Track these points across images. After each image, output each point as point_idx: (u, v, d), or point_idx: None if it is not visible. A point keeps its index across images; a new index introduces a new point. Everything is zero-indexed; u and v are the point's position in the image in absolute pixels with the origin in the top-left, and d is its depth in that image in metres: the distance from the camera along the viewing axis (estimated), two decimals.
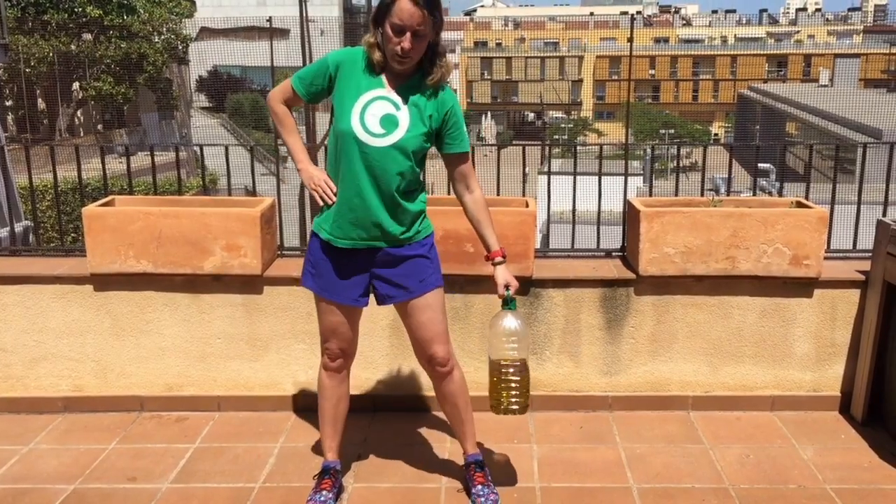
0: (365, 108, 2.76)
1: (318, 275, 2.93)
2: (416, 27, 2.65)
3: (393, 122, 2.76)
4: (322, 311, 2.99)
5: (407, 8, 2.64)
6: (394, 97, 2.78)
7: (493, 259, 2.93)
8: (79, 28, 27.45)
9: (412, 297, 2.91)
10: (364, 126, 2.75)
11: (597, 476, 3.31)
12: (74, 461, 3.47)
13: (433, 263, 2.95)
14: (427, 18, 2.66)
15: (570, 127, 51.12)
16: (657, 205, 3.80)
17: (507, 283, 2.91)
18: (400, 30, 2.66)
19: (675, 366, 3.86)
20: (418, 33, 2.67)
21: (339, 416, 3.13)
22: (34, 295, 3.84)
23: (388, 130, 2.75)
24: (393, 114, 2.76)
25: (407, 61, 2.72)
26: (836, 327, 3.81)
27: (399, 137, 2.76)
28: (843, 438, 3.63)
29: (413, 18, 2.64)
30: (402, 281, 2.89)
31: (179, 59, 31.45)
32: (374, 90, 2.78)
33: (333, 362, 3.06)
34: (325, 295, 2.94)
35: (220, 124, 37.58)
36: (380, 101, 2.77)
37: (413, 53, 2.70)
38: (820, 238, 3.67)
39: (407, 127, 2.76)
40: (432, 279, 2.93)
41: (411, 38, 2.66)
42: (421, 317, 2.95)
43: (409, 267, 2.89)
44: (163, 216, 3.69)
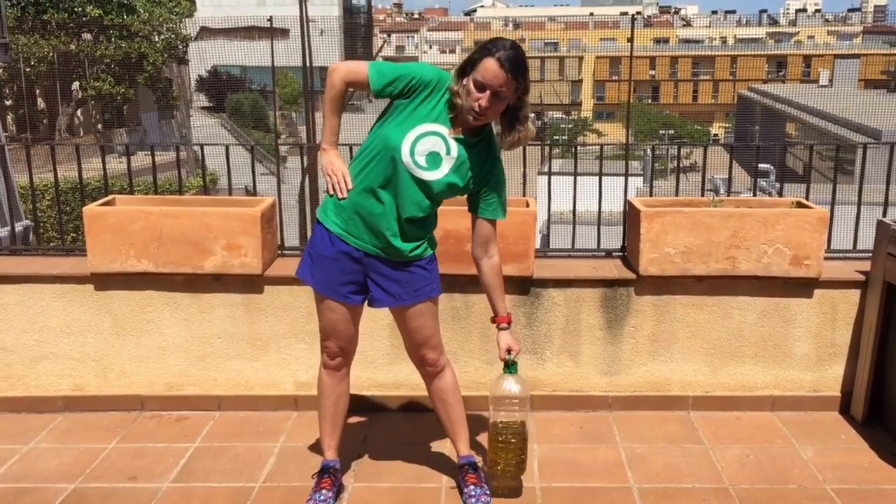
0: (420, 138, 2.76)
1: (316, 268, 2.93)
2: (498, 88, 2.66)
3: (436, 163, 2.77)
4: (322, 309, 2.99)
5: (492, 68, 2.65)
6: (450, 141, 2.78)
7: (500, 325, 3.00)
8: (79, 27, 27.43)
9: (403, 304, 2.93)
10: (412, 154, 2.75)
11: (597, 476, 3.31)
12: (75, 460, 3.47)
13: (431, 275, 2.97)
14: (510, 82, 2.67)
15: (569, 127, 51.13)
16: (657, 205, 3.81)
17: (510, 347, 2.97)
18: (482, 87, 2.67)
19: (675, 366, 3.86)
20: (499, 94, 2.68)
21: (338, 415, 3.14)
22: (35, 294, 3.84)
23: (429, 167, 2.77)
24: (440, 154, 2.77)
25: (482, 119, 2.73)
26: (836, 327, 3.81)
27: (434, 178, 2.78)
28: (843, 439, 3.63)
29: (496, 79, 2.65)
30: (395, 288, 2.91)
31: (179, 59, 31.43)
32: (438, 125, 2.77)
33: (333, 360, 3.06)
34: (319, 289, 2.95)
35: (220, 124, 37.58)
36: (435, 137, 2.77)
37: (489, 113, 2.71)
38: (820, 238, 3.67)
39: (445, 172, 2.78)
40: (426, 289, 2.95)
41: (490, 97, 2.67)
42: (412, 323, 2.98)
43: (406, 276, 2.91)
44: (163, 216, 3.69)
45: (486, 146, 2.85)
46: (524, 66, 2.71)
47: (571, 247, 4.30)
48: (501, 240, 3.65)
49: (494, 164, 2.88)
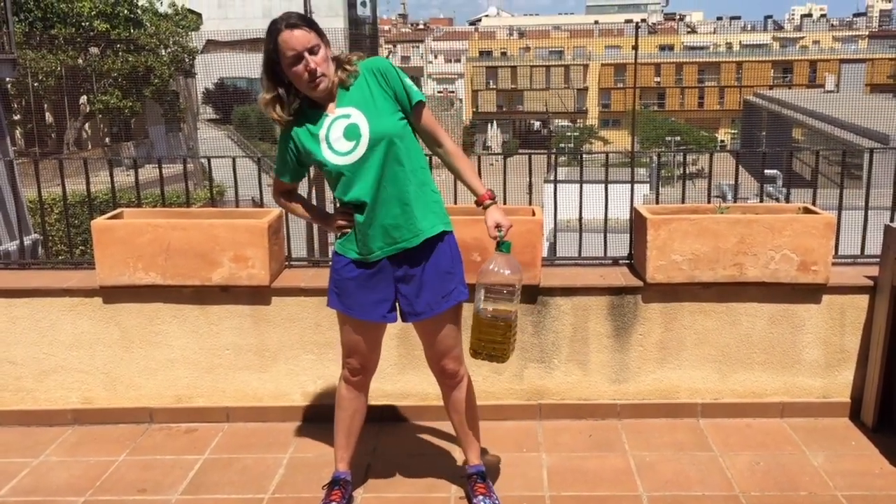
0: (327, 138, 2.80)
1: (344, 294, 2.93)
2: (308, 45, 2.69)
3: (354, 130, 2.78)
4: (345, 327, 2.99)
5: (288, 36, 2.69)
6: (339, 112, 2.80)
7: (483, 202, 2.89)
8: (86, 42, 27.63)
9: (433, 314, 2.91)
10: (335, 152, 2.78)
11: (606, 484, 3.30)
12: (84, 473, 3.47)
13: (457, 277, 2.93)
14: (309, 34, 2.70)
15: (575, 135, 51.17)
16: (664, 212, 3.80)
17: (498, 223, 2.84)
18: (296, 58, 2.70)
19: (683, 373, 3.85)
20: (313, 50, 2.71)
21: (353, 428, 3.14)
22: (43, 308, 3.86)
23: (357, 138, 2.77)
24: (349, 123, 2.78)
25: (323, 80, 2.73)
26: (845, 333, 3.80)
27: (369, 136, 2.77)
28: (853, 445, 3.61)
29: (300, 41, 2.69)
30: (424, 297, 2.88)
31: (186, 72, 31.62)
32: (323, 121, 2.81)
33: (354, 377, 3.06)
34: (352, 314, 2.94)
35: (227, 136, 37.73)
36: (334, 124, 2.80)
37: (322, 69, 2.72)
38: (827, 244, 3.66)
39: (367, 123, 2.77)
40: (455, 293, 2.92)
41: (310, 57, 2.70)
42: (436, 334, 2.96)
43: (432, 279, 2.87)
44: (171, 228, 3.71)
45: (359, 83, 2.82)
46: (310, 18, 2.77)
47: (578, 255, 4.30)
48: None
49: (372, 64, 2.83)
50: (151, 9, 29.80)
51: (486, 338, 2.86)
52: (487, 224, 2.85)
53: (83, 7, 26.22)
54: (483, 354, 2.89)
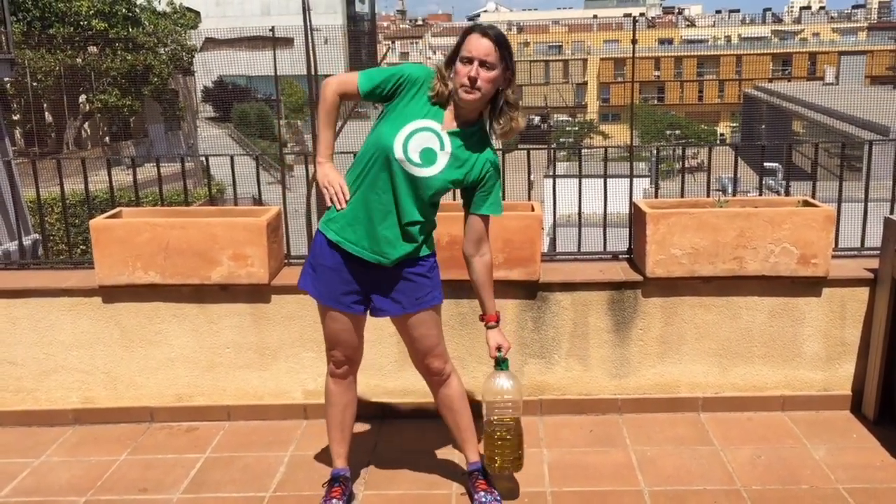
0: (412, 135, 2.76)
1: (318, 278, 2.93)
2: (484, 57, 2.69)
3: (431, 159, 2.77)
4: (325, 318, 3.00)
5: (475, 40, 2.71)
6: (444, 136, 2.79)
7: (488, 323, 2.99)
8: (84, 41, 27.60)
9: (405, 312, 2.93)
10: (405, 150, 2.76)
11: (608, 479, 3.30)
12: (85, 473, 3.47)
13: (432, 282, 2.95)
14: (495, 51, 2.70)
15: (575, 130, 51.11)
16: (663, 206, 3.80)
17: (500, 345, 2.97)
18: (468, 60, 2.70)
19: (684, 367, 3.85)
20: (486, 64, 2.69)
21: (346, 423, 3.13)
22: (43, 308, 3.86)
23: (424, 163, 2.77)
24: (434, 150, 2.77)
25: (475, 93, 2.71)
26: (845, 326, 3.79)
27: (430, 174, 2.77)
28: (854, 438, 3.61)
29: (481, 49, 2.69)
30: (397, 296, 2.90)
31: (185, 70, 31.59)
32: (429, 121, 2.78)
33: (339, 369, 3.07)
34: (321, 300, 2.95)
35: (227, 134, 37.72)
36: (427, 133, 2.77)
37: (481, 84, 2.70)
38: (827, 237, 3.66)
39: (441, 168, 2.78)
40: (429, 297, 2.94)
41: (478, 67, 2.69)
42: (415, 333, 2.98)
43: (408, 284, 2.90)
44: (170, 227, 3.70)
45: (479, 139, 2.85)
46: (508, 43, 2.76)
47: (578, 250, 4.29)
48: (508, 244, 3.65)
49: (490, 158, 2.86)
50: (150, 7, 29.77)
51: (500, 455, 3.06)
52: (489, 345, 2.99)
53: (81, 6, 26.18)
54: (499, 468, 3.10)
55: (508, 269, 3.68)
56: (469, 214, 2.93)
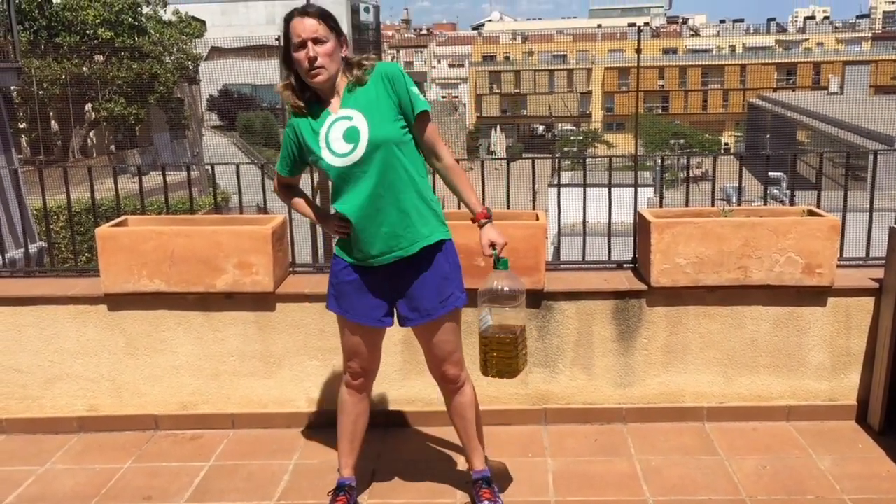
0: (327, 138, 2.80)
1: (341, 297, 2.94)
2: (313, 35, 2.72)
3: (353, 134, 2.78)
4: (345, 331, 3.00)
5: (299, 23, 2.74)
6: (342, 113, 2.81)
7: (479, 221, 2.90)
8: (91, 50, 27.72)
9: (430, 319, 2.91)
10: (333, 152, 2.78)
11: (612, 489, 3.30)
12: (90, 481, 3.48)
13: (455, 283, 2.93)
14: (321, 25, 2.73)
15: (579, 139, 51.15)
16: (667, 215, 3.80)
17: (493, 241, 2.85)
18: (301, 44, 2.73)
19: (689, 377, 3.84)
20: (318, 40, 2.73)
21: (357, 433, 3.13)
22: (49, 315, 3.87)
23: (354, 140, 2.77)
24: (349, 127, 2.78)
25: (321, 71, 2.74)
26: (850, 336, 3.78)
27: (366, 142, 2.76)
28: (860, 448, 3.60)
29: (307, 29, 2.72)
30: (422, 303, 2.88)
31: (190, 79, 31.70)
32: (325, 120, 2.82)
33: (356, 381, 3.07)
34: (348, 317, 2.95)
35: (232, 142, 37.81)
36: (333, 126, 2.80)
37: (322, 61, 2.73)
38: (832, 246, 3.65)
39: (367, 125, 2.77)
40: (452, 299, 2.91)
41: (313, 46, 2.72)
42: (435, 339, 2.96)
43: (430, 284, 2.88)
44: (175, 235, 3.71)
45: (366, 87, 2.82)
46: (328, 12, 2.79)
47: (582, 259, 4.29)
48: (512, 253, 3.64)
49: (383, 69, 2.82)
50: (156, 17, 29.89)
51: (494, 355, 2.87)
52: (482, 243, 2.88)
53: (88, 15, 26.31)
54: (493, 372, 2.91)
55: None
56: (416, 134, 2.86)
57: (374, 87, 2.82)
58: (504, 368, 2.89)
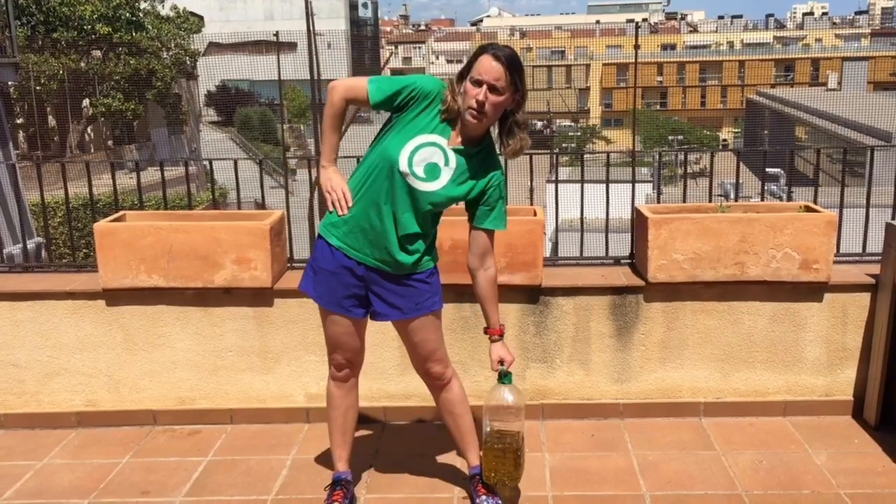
0: (418, 148, 2.76)
1: (319, 281, 2.94)
2: (494, 81, 2.67)
3: (435, 174, 2.77)
4: (326, 322, 3.01)
5: (487, 62, 2.68)
6: (449, 152, 2.78)
7: (492, 336, 2.98)
8: (88, 45, 27.67)
9: (405, 317, 2.93)
10: (410, 164, 2.75)
11: (609, 484, 3.31)
12: (88, 476, 3.48)
13: (432, 288, 2.95)
14: (505, 76, 2.67)
15: (577, 135, 51.11)
16: (665, 211, 3.81)
17: (502, 358, 2.95)
18: (478, 83, 2.68)
19: (685, 372, 3.86)
20: (496, 88, 2.67)
21: (348, 426, 3.14)
22: (47, 311, 3.87)
23: (427, 178, 2.77)
24: (439, 165, 2.77)
25: (481, 119, 2.71)
26: (847, 331, 3.79)
27: (432, 189, 2.77)
28: (856, 443, 3.61)
29: (491, 72, 2.66)
30: (397, 301, 2.91)
31: (188, 75, 31.66)
32: (436, 136, 2.77)
33: (340, 372, 3.08)
34: (321, 303, 2.96)
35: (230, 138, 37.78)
36: (432, 148, 2.77)
37: (488, 109, 2.69)
38: (829, 242, 3.66)
39: (444, 183, 2.78)
40: (428, 304, 2.94)
41: (487, 91, 2.67)
42: (415, 338, 2.98)
43: (408, 290, 2.90)
44: (173, 231, 3.72)
45: (485, 156, 2.84)
46: (520, 65, 2.73)
47: (580, 255, 4.30)
48: (510, 249, 3.66)
49: (495, 175, 2.87)
50: (153, 12, 29.84)
51: (494, 464, 3.03)
52: (492, 358, 2.97)
53: (85, 10, 26.25)
54: (496, 479, 3.07)
55: (511, 274, 3.69)
56: (473, 228, 2.92)
57: (481, 168, 2.82)
58: (505, 477, 3.06)
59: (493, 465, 3.04)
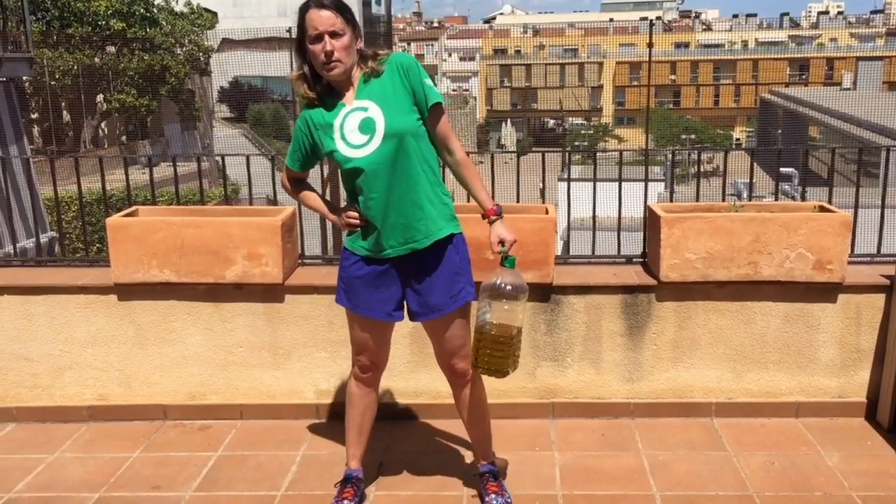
0: (342, 129, 2.78)
1: (351, 291, 2.93)
2: (330, 28, 2.69)
3: (370, 125, 2.76)
4: (354, 325, 3.00)
5: (315, 15, 2.70)
6: (357, 105, 2.79)
7: (489, 217, 2.89)
8: (102, 41, 27.77)
9: (441, 315, 2.91)
10: (349, 143, 2.77)
11: (619, 483, 3.30)
12: (99, 469, 3.50)
13: (465, 277, 2.93)
14: (338, 18, 2.70)
15: (590, 133, 51.01)
16: (678, 210, 3.79)
17: (502, 238, 2.85)
18: (317, 37, 2.70)
19: (697, 372, 3.84)
20: (335, 34, 2.70)
21: (364, 425, 3.14)
22: (59, 305, 3.89)
23: (370, 133, 2.76)
24: (365, 118, 2.77)
25: (337, 65, 2.73)
26: (861, 333, 3.77)
27: (382, 133, 2.75)
28: (869, 445, 3.58)
29: (323, 22, 2.69)
30: (432, 298, 2.88)
31: (201, 71, 31.72)
32: (340, 111, 2.80)
33: (364, 374, 3.07)
34: (358, 312, 2.94)
35: (242, 134, 37.86)
36: (348, 117, 2.79)
37: (339, 55, 2.71)
38: (843, 242, 3.63)
39: (384, 119, 2.76)
40: (463, 294, 2.91)
41: (330, 40, 2.69)
42: (444, 333, 2.95)
43: (441, 280, 2.87)
44: (185, 226, 3.72)
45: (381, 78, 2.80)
46: (344, 4, 2.74)
47: (591, 253, 4.29)
48: (521, 246, 3.64)
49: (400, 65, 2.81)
50: (167, 8, 29.92)
51: (486, 351, 2.87)
52: (491, 239, 2.86)
53: (100, 6, 26.34)
54: (482, 368, 2.91)
55: (522, 272, 3.66)
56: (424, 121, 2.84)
57: (389, 78, 2.80)
58: (493, 366, 2.88)
59: (483, 353, 2.87)
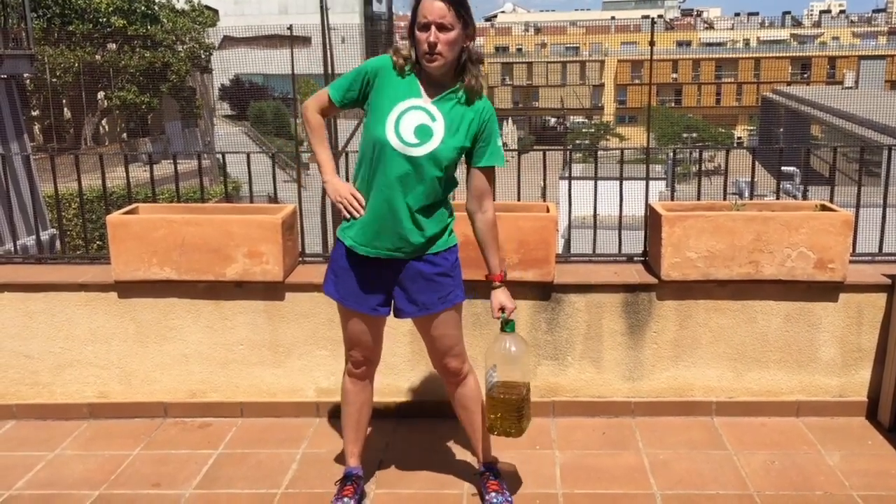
0: (400, 118, 2.74)
1: (340, 282, 2.93)
2: (439, 20, 2.65)
3: (427, 133, 2.74)
4: (345, 319, 3.00)
5: (428, 3, 2.66)
6: (429, 107, 2.76)
7: (493, 283, 2.94)
8: (103, 38, 27.79)
9: (428, 313, 2.91)
10: (399, 135, 2.73)
11: (619, 482, 3.29)
12: (99, 467, 3.50)
13: (455, 280, 2.94)
14: (450, 12, 2.66)
15: (591, 131, 50.98)
16: (679, 209, 3.78)
17: (503, 306, 2.91)
18: (425, 26, 2.66)
19: (698, 371, 3.83)
20: (443, 27, 2.66)
21: (361, 422, 3.14)
22: (60, 302, 3.89)
23: (422, 141, 2.74)
24: (427, 124, 2.75)
25: (437, 58, 2.68)
26: (862, 332, 3.76)
27: (432, 148, 2.74)
28: (869, 444, 3.58)
29: (434, 12, 2.65)
30: (420, 297, 2.89)
31: (202, 68, 31.74)
32: (411, 99, 2.76)
33: (357, 369, 3.07)
34: (345, 303, 2.94)
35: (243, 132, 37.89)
36: (415, 111, 2.75)
37: (442, 49, 2.67)
38: (845, 241, 3.63)
39: (441, 138, 2.75)
40: (451, 296, 2.92)
41: (436, 31, 2.65)
42: (435, 332, 2.96)
43: (430, 284, 2.88)
44: (185, 223, 3.72)
45: (466, 97, 2.79)
46: (464, 1, 2.71)
47: (593, 252, 4.28)
48: (522, 245, 3.65)
49: (484, 109, 2.81)
50: (168, 5, 29.94)
51: (499, 415, 2.94)
52: (492, 305, 2.92)
53: (101, 3, 26.37)
54: (499, 431, 2.97)
55: (523, 270, 3.67)
56: (470, 169, 2.87)
57: (469, 111, 2.79)
58: (510, 429, 2.96)
59: (496, 417, 2.94)
